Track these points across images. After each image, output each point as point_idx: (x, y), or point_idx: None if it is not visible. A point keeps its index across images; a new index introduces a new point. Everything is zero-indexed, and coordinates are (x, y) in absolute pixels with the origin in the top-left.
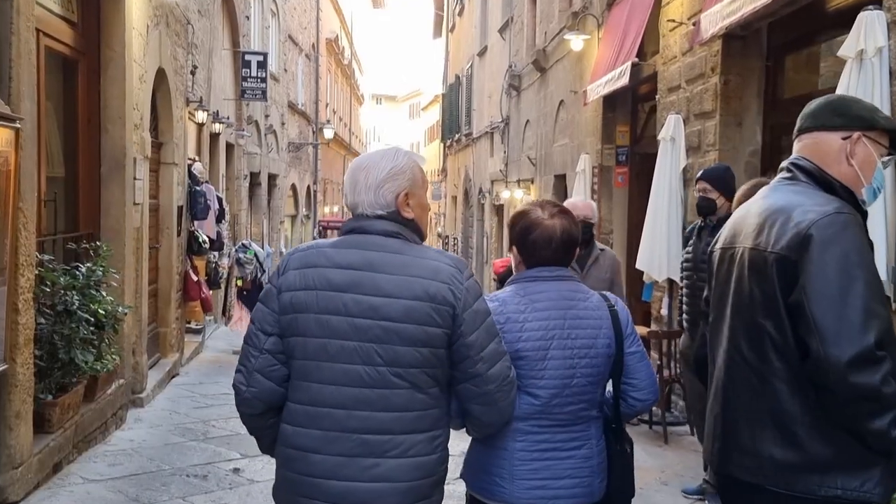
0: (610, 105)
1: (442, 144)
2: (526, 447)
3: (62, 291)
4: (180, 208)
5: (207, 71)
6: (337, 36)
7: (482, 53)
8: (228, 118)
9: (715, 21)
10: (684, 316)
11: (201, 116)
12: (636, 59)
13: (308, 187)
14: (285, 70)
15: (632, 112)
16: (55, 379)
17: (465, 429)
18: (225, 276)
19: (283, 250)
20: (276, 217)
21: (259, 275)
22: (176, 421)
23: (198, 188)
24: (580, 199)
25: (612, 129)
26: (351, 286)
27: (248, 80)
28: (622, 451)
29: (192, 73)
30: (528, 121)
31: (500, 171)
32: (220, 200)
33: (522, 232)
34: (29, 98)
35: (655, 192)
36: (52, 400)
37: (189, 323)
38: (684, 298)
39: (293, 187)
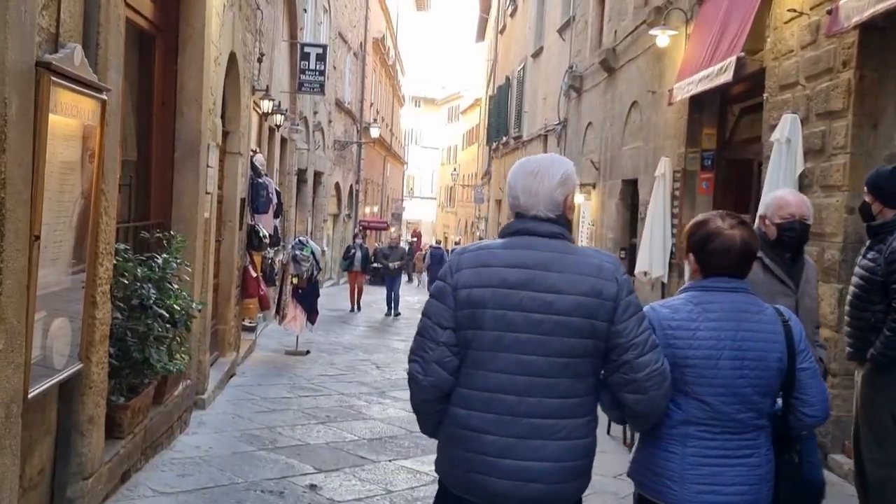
0: (696, 106)
1: (487, 147)
2: (697, 452)
3: (138, 284)
4: (243, 201)
5: (270, 61)
6: (383, 36)
7: (537, 54)
8: (287, 111)
9: (860, 8)
10: (847, 329)
11: (266, 106)
12: (742, 54)
13: (351, 186)
14: (334, 67)
15: (719, 114)
16: (126, 379)
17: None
18: (280, 273)
19: (325, 249)
20: (320, 215)
21: (315, 273)
22: (241, 427)
23: (259, 180)
24: (789, 192)
25: (698, 132)
26: (526, 284)
27: (307, 72)
28: (790, 462)
29: (259, 60)
30: (590, 123)
31: None
32: (278, 195)
33: (701, 241)
34: (115, 68)
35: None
36: (124, 403)
37: (243, 320)
38: (849, 309)
39: (336, 186)
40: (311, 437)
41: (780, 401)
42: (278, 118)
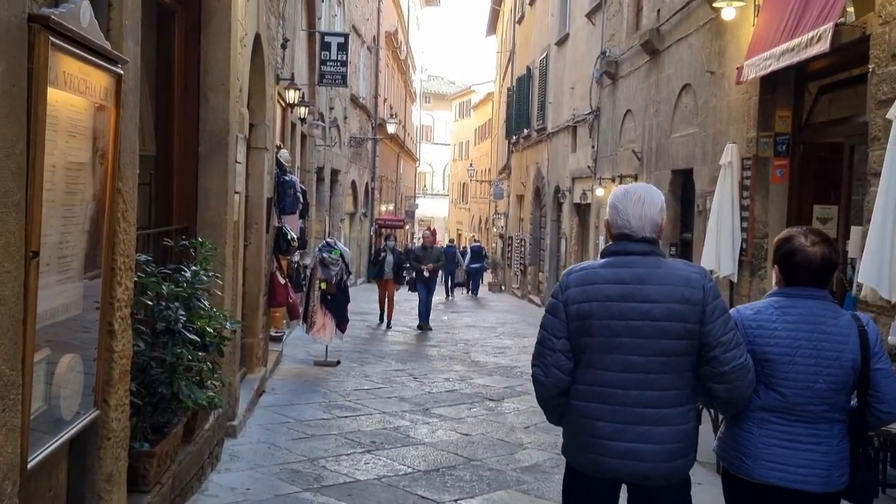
0: (768, 86)
1: (506, 141)
2: (770, 434)
3: (163, 304)
4: (269, 201)
5: (291, 50)
6: (396, 30)
7: (562, 42)
8: (310, 104)
9: None
10: None
11: (292, 96)
12: (841, 19)
13: (366, 184)
14: (349, 62)
15: (795, 94)
16: (150, 419)
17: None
18: (307, 277)
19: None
20: (337, 214)
21: (345, 277)
22: (279, 459)
23: (286, 178)
24: None
25: (770, 115)
26: (625, 297)
27: (328, 63)
28: (865, 454)
29: (283, 46)
30: (628, 111)
31: (588, 167)
32: (304, 194)
33: (786, 255)
34: (133, 37)
35: (887, 187)
36: (149, 450)
37: (271, 330)
38: None
39: (353, 184)
40: (359, 471)
41: (855, 399)
42: (303, 111)
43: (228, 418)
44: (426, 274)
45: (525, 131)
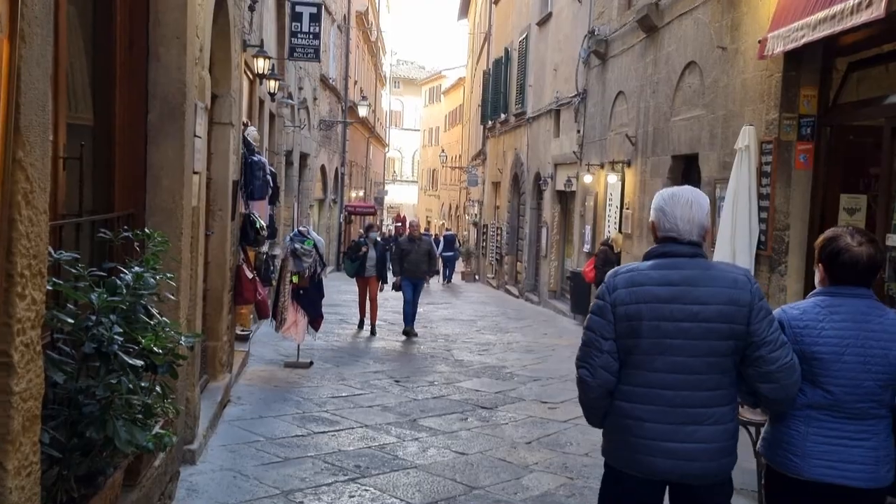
0: (792, 62)
1: (481, 126)
2: (818, 432)
3: (93, 319)
4: (235, 184)
5: (260, 18)
6: (367, 9)
7: (543, 22)
8: (281, 79)
9: None
10: None
11: (262, 65)
12: None
13: (336, 169)
14: (321, 38)
15: (822, 71)
16: (78, 469)
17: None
18: (278, 270)
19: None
20: (306, 201)
21: (319, 269)
22: (246, 493)
23: (254, 159)
24: None
25: (794, 94)
26: (674, 298)
27: (299, 35)
28: None
29: (251, 9)
30: (620, 92)
31: (574, 152)
32: (273, 177)
33: (831, 255)
34: None
35: None
36: None
37: (237, 328)
38: None
39: (322, 169)
40: None
41: None
42: (272, 84)
43: (186, 441)
44: (416, 270)
45: (502, 116)
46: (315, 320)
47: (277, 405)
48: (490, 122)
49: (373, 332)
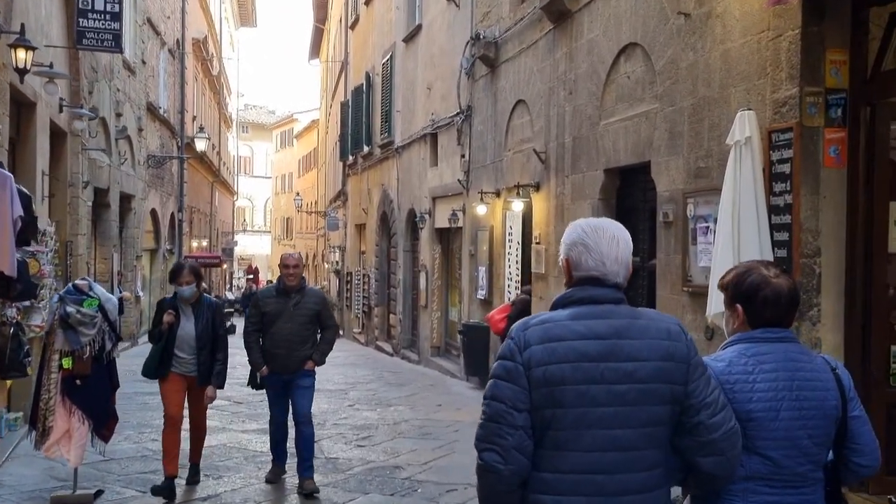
0: (815, 13)
1: (341, 164)
2: None
3: None
4: None
5: None
6: (206, 37)
7: (412, 37)
8: (69, 76)
9: None
10: None
11: (23, 57)
12: None
13: (172, 215)
14: (143, 62)
15: (852, 26)
16: None
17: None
18: (31, 351)
19: (141, 294)
20: (132, 251)
21: (109, 345)
22: None
23: None
24: None
25: (816, 60)
26: (606, 355)
27: (91, 16)
28: None
29: None
30: (519, 101)
31: (459, 181)
32: (27, 199)
33: (750, 290)
34: None
35: None
36: None
37: None
38: None
39: (153, 213)
40: None
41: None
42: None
43: None
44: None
45: (365, 149)
46: (102, 428)
47: None
48: (351, 158)
49: (193, 479)
